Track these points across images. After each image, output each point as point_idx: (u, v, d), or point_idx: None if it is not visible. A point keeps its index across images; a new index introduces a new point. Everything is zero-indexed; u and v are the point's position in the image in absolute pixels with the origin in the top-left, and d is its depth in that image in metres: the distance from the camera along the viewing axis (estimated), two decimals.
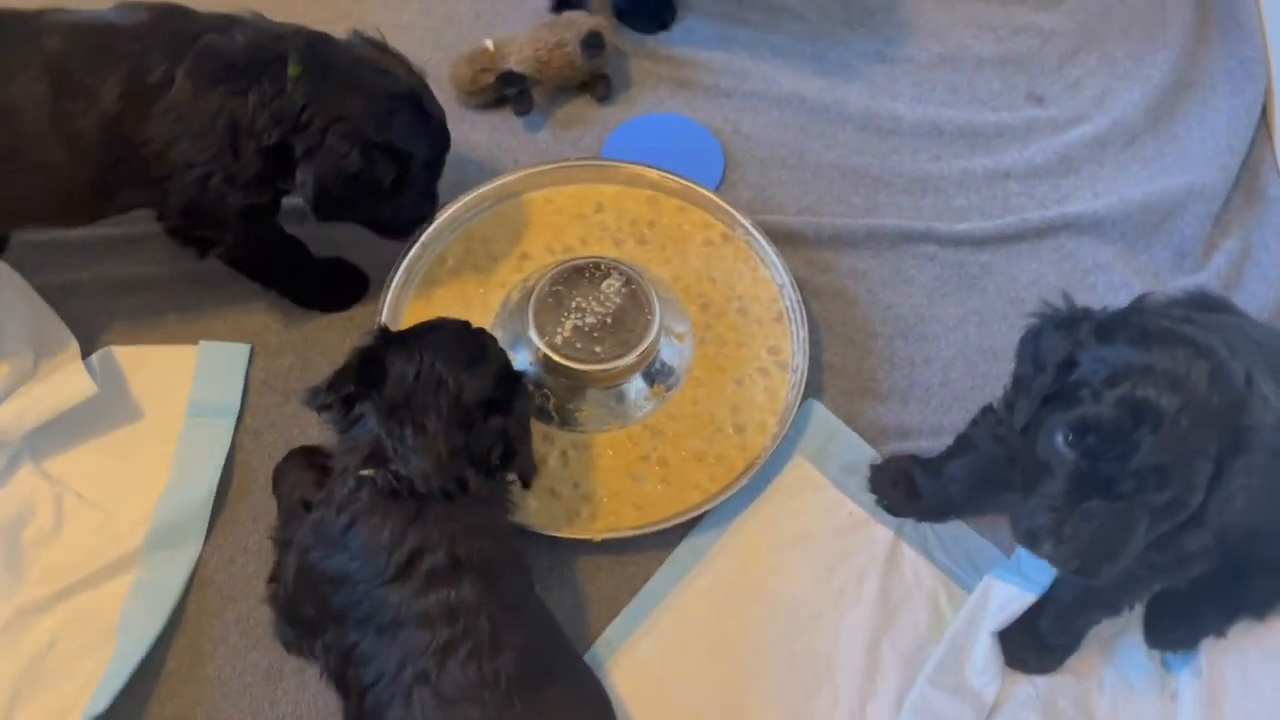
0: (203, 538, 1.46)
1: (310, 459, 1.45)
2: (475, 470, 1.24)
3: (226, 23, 1.42)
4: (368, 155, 1.40)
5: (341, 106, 1.39)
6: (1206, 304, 1.31)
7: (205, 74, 1.36)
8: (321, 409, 1.29)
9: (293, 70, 1.38)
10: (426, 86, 1.51)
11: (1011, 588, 1.40)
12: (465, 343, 1.33)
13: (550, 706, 1.18)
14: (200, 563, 1.45)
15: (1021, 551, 1.44)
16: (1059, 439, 1.05)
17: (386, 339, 1.33)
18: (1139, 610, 1.46)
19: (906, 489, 1.51)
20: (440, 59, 1.91)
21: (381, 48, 1.50)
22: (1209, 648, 1.44)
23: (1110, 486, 1.02)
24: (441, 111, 1.52)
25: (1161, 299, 1.21)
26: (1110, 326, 1.07)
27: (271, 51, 1.39)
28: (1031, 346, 1.15)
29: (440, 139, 1.52)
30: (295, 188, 1.43)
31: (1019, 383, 1.16)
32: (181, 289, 1.66)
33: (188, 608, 1.43)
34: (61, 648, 1.36)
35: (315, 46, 1.42)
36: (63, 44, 1.36)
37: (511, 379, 1.34)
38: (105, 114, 1.36)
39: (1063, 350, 1.08)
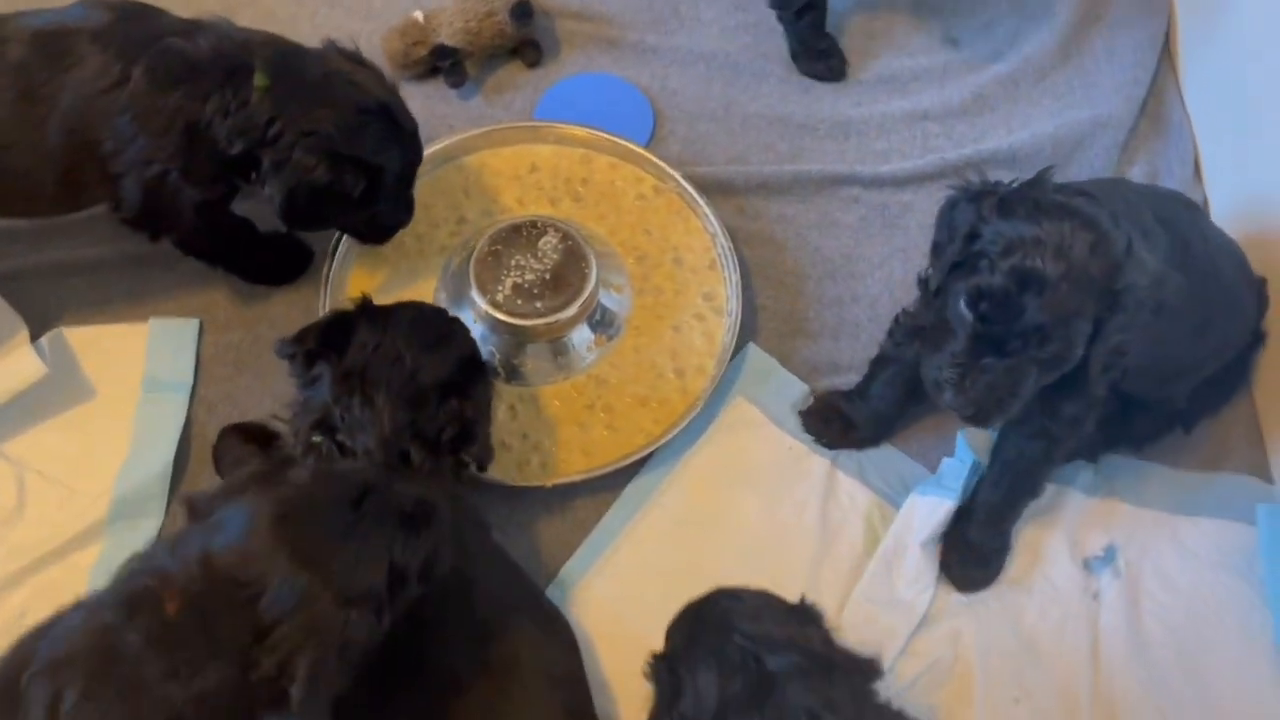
0: (164, 508, 1.50)
1: (245, 432, 1.50)
2: (419, 446, 1.27)
3: (192, 27, 1.43)
4: (336, 168, 1.42)
5: (310, 120, 1.40)
6: None
7: (164, 73, 1.38)
8: (285, 356, 1.33)
9: (259, 81, 1.39)
10: (398, 97, 1.52)
11: (932, 499, 1.50)
12: (431, 325, 1.37)
13: (517, 638, 1.24)
14: (162, 532, 1.50)
15: (942, 466, 1.55)
16: (960, 303, 1.18)
17: (362, 308, 1.36)
18: (1057, 516, 1.56)
19: (840, 423, 1.60)
20: (371, 30, 1.94)
21: (355, 59, 1.51)
22: (1125, 548, 1.54)
23: (1002, 344, 1.17)
24: (413, 123, 1.53)
25: None
26: (1011, 201, 1.19)
27: (236, 59, 1.40)
28: (947, 217, 1.28)
29: (411, 150, 1.54)
30: (254, 187, 1.46)
31: (935, 249, 1.29)
32: (128, 270, 1.69)
33: None
34: (31, 619, 1.38)
35: (284, 58, 1.42)
36: (25, 52, 1.38)
37: (474, 366, 1.38)
38: (65, 117, 1.39)
39: (969, 222, 1.21)
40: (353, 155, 1.43)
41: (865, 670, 1.14)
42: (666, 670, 1.16)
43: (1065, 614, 1.51)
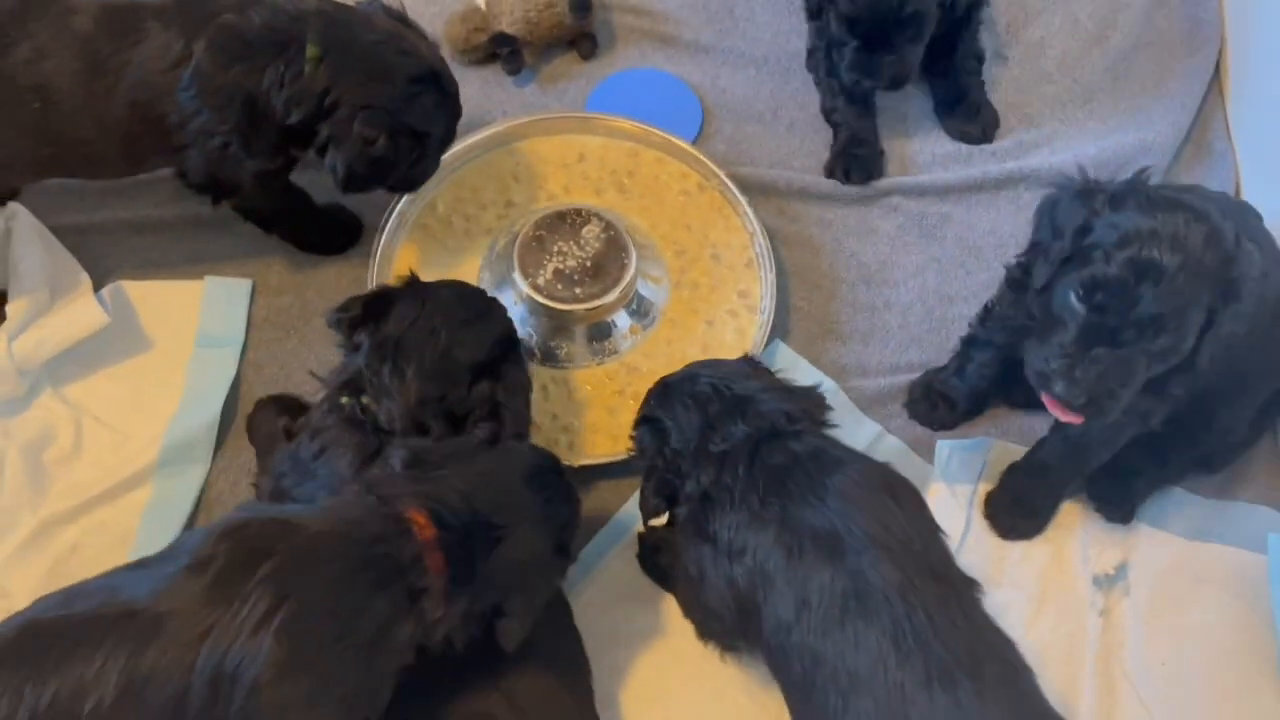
0: (210, 456, 1.58)
1: (282, 405, 1.56)
2: (440, 422, 1.31)
3: (245, 2, 1.48)
4: (394, 140, 1.48)
5: (367, 93, 1.45)
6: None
7: (223, 51, 1.44)
8: (332, 324, 1.39)
9: (311, 52, 1.44)
10: (443, 60, 1.57)
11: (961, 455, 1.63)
12: (469, 304, 1.41)
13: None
14: (208, 484, 1.57)
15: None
16: (1071, 295, 1.20)
17: (408, 284, 1.42)
18: (1075, 529, 1.59)
19: (945, 405, 1.66)
20: (434, 13, 2.00)
21: (401, 19, 1.56)
22: (1138, 568, 1.57)
23: (1115, 335, 1.19)
24: (456, 85, 1.58)
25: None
26: (1121, 196, 1.22)
27: (288, 32, 1.45)
28: (1049, 215, 1.31)
29: (454, 114, 1.60)
30: (312, 159, 1.52)
31: (1036, 247, 1.32)
32: (187, 231, 1.77)
33: (197, 524, 1.55)
34: (83, 553, 1.49)
35: (335, 27, 1.47)
36: (91, 25, 1.45)
37: (510, 346, 1.42)
38: (130, 90, 1.45)
39: (1079, 217, 1.23)
40: (408, 126, 1.49)
41: (813, 395, 1.31)
42: (648, 428, 1.31)
43: (1074, 628, 1.53)
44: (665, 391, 1.32)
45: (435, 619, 1.11)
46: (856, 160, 1.85)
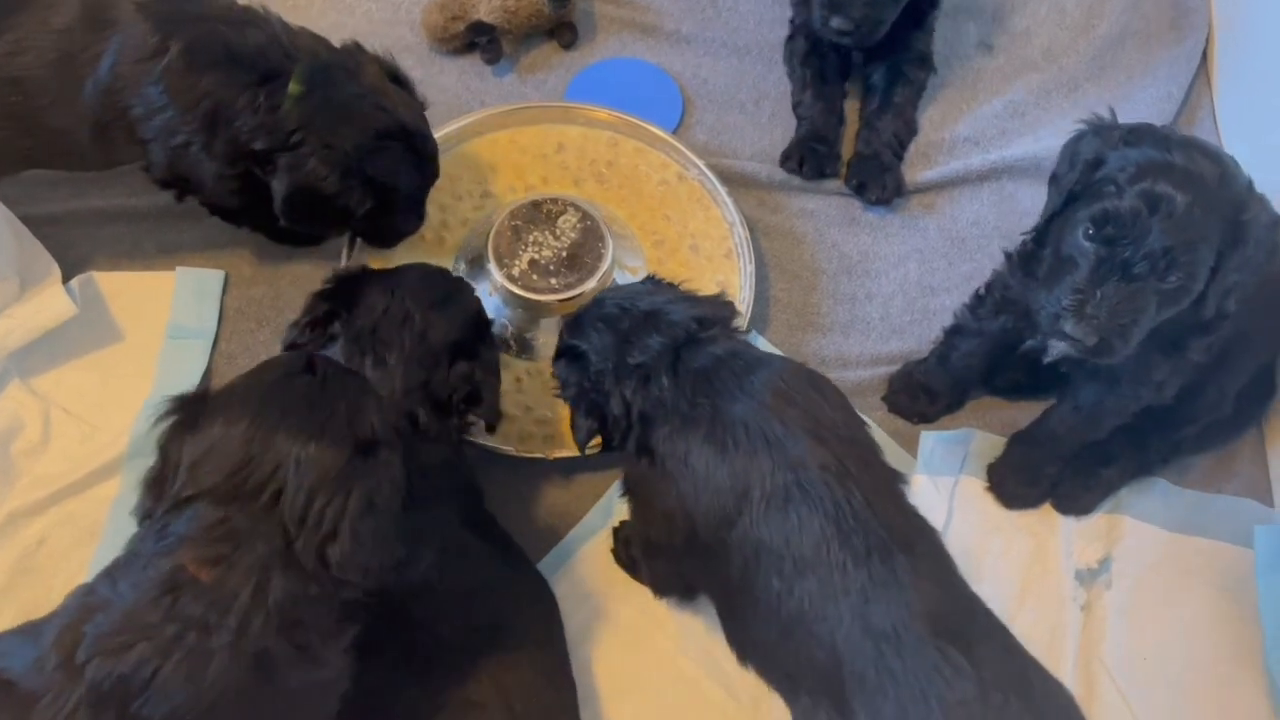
0: None
1: None
2: (427, 408, 1.30)
3: (244, 16, 1.47)
4: (345, 183, 1.46)
5: (332, 135, 1.44)
6: None
7: (202, 55, 1.42)
8: (287, 345, 1.35)
9: (293, 89, 1.43)
10: (423, 120, 1.55)
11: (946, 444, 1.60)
12: (437, 285, 1.39)
13: (500, 603, 1.28)
14: None
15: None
16: (1080, 234, 1.20)
17: (367, 271, 1.40)
18: (1058, 523, 1.58)
19: (926, 397, 1.64)
20: (412, 3, 1.98)
21: (393, 74, 1.55)
22: (1122, 561, 1.55)
23: (1126, 269, 1.17)
24: (434, 146, 1.57)
25: None
26: (1139, 133, 1.22)
27: (277, 62, 1.44)
28: (1072, 149, 1.30)
29: (427, 173, 1.58)
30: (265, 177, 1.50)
31: (1054, 180, 1.30)
32: (160, 221, 1.74)
33: None
34: (50, 545, 1.47)
35: (321, 71, 1.45)
36: (72, 17, 1.44)
37: (481, 325, 1.41)
38: (100, 80, 1.44)
39: (1093, 150, 1.23)
40: (364, 175, 1.47)
41: (721, 300, 1.33)
42: (564, 361, 1.32)
43: (1055, 622, 1.52)
44: (576, 321, 1.32)
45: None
46: (813, 155, 1.83)
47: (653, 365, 1.22)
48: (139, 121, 1.47)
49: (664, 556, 1.33)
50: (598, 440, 1.33)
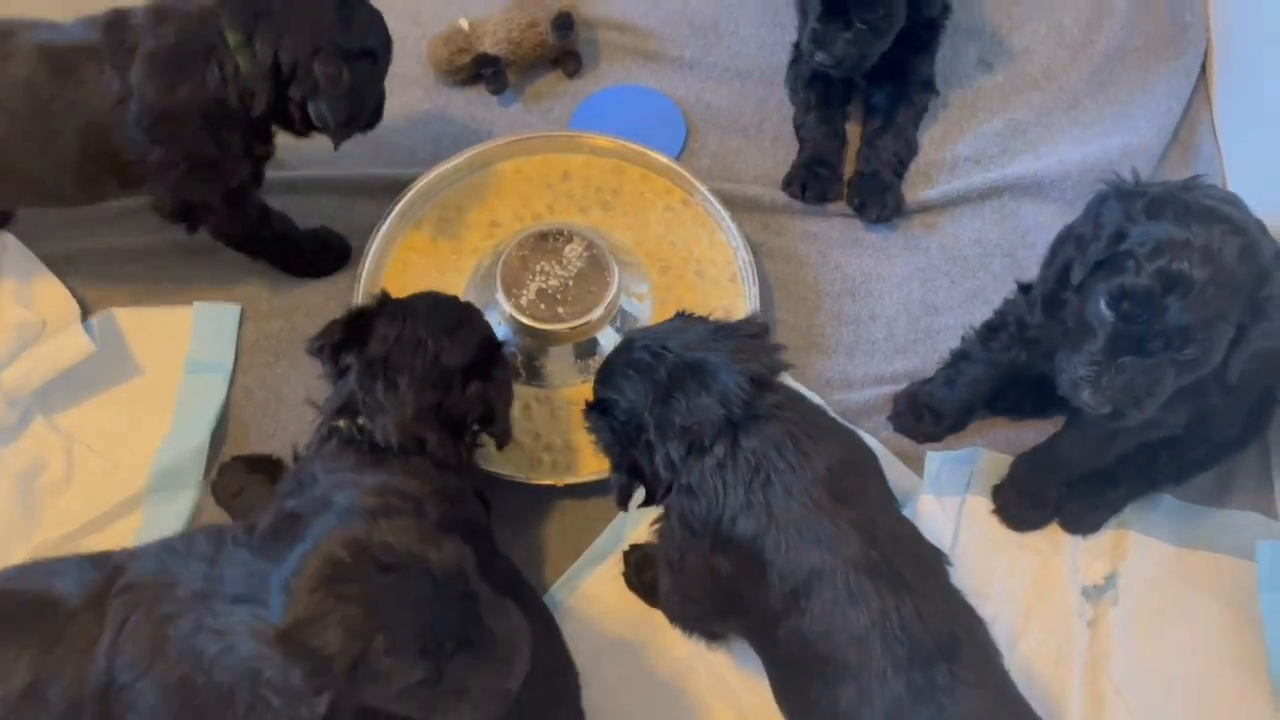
0: (200, 481, 1.59)
1: (250, 463, 1.57)
2: (436, 432, 1.33)
3: (155, 19, 1.47)
4: (352, 65, 1.49)
5: (307, 37, 1.46)
6: None
7: (163, 78, 1.44)
8: (313, 353, 1.40)
9: (234, 40, 1.44)
10: None
11: (950, 466, 1.62)
12: (447, 311, 1.43)
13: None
14: (199, 508, 1.59)
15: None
16: (1101, 303, 1.20)
17: (381, 302, 1.43)
18: (1064, 539, 1.60)
19: (931, 417, 1.66)
20: (419, 35, 2.02)
21: None
22: (1127, 577, 1.56)
23: (1142, 344, 1.18)
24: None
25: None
26: (1161, 203, 1.20)
27: (205, 32, 1.45)
28: (1094, 211, 1.29)
29: (381, 17, 1.60)
30: (269, 149, 1.55)
31: (1080, 240, 1.30)
32: (176, 258, 1.79)
33: None
34: None
35: (242, 2, 1.45)
36: (32, 68, 1.46)
37: (492, 348, 1.44)
38: (79, 134, 1.47)
39: (1117, 221, 1.23)
40: (357, 48, 1.50)
41: (755, 329, 1.29)
42: (595, 411, 1.29)
43: (1062, 640, 1.53)
44: (606, 370, 1.29)
45: None
46: (815, 178, 1.85)
47: (707, 436, 1.19)
48: (135, 165, 1.50)
49: (701, 618, 1.34)
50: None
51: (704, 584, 1.26)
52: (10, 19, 1.53)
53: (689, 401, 1.19)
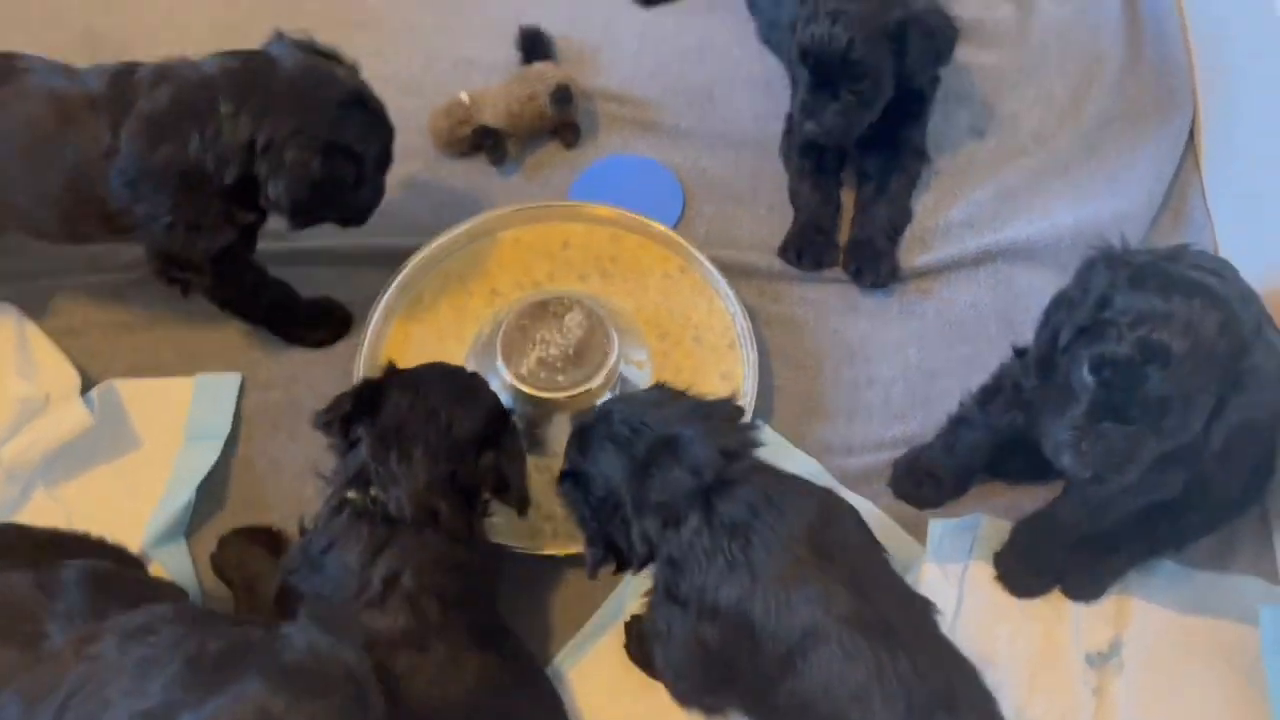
0: (183, 539, 1.61)
1: (251, 535, 1.58)
2: (449, 503, 1.34)
3: (158, 78, 1.50)
4: (329, 159, 1.49)
5: (292, 122, 1.47)
6: None
7: (145, 137, 1.47)
8: (321, 427, 1.41)
9: (224, 109, 1.46)
10: (363, 82, 1.58)
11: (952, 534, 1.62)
12: (457, 381, 1.45)
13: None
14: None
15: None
16: (1084, 369, 1.22)
17: (390, 373, 1.44)
18: (1067, 607, 1.59)
19: (931, 483, 1.67)
20: (420, 106, 2.05)
21: (311, 49, 1.57)
22: (1131, 644, 1.55)
23: (1122, 412, 1.20)
24: (381, 104, 1.60)
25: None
26: (1145, 272, 1.22)
27: (199, 96, 1.47)
28: (1084, 276, 1.31)
29: (388, 131, 1.61)
30: (257, 217, 1.55)
31: (1070, 304, 1.32)
32: (178, 329, 1.80)
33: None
34: None
35: (244, 76, 1.48)
36: (38, 109, 1.51)
37: (503, 417, 1.45)
38: (67, 176, 1.51)
39: (1101, 288, 1.25)
40: (341, 145, 1.50)
41: (731, 411, 1.31)
42: (570, 482, 1.30)
43: (1067, 709, 1.52)
44: (582, 438, 1.30)
45: None
46: (811, 246, 1.88)
47: (681, 507, 1.21)
48: (120, 214, 1.53)
49: (696, 691, 1.34)
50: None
51: (693, 655, 1.26)
52: (31, 56, 1.59)
53: (663, 476, 1.22)
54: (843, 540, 1.22)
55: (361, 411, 1.38)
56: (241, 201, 1.52)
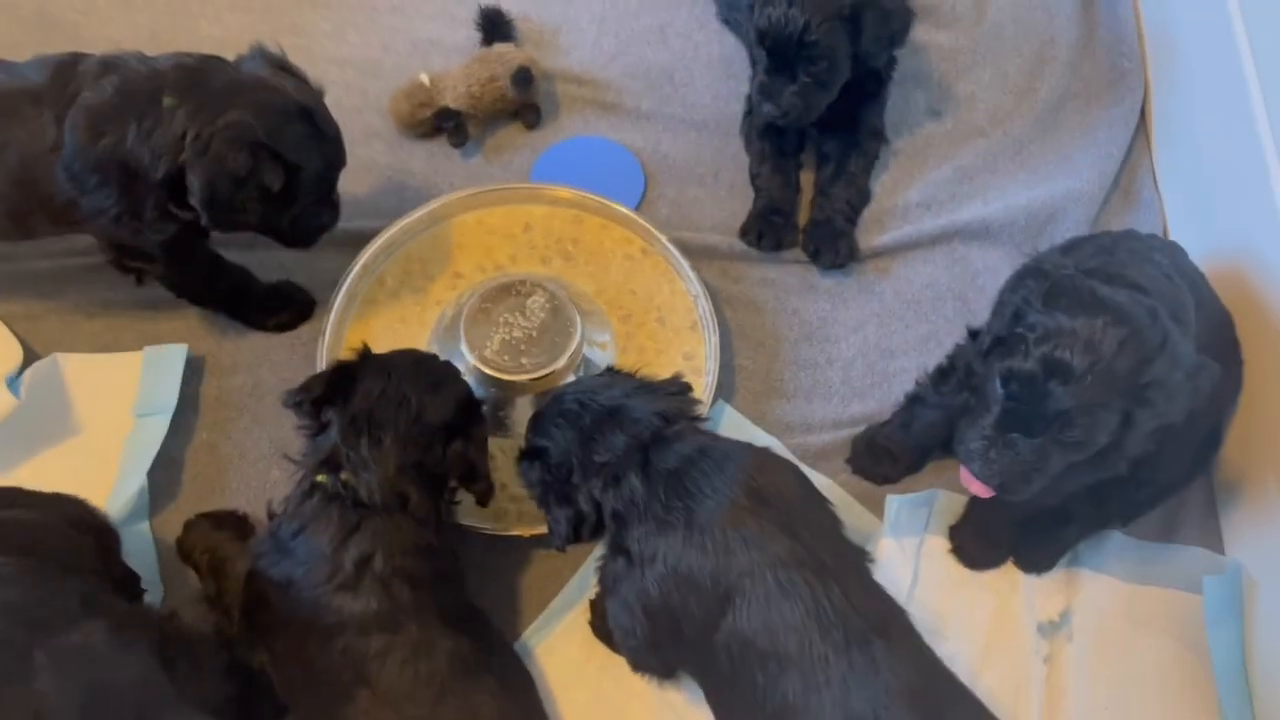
0: (145, 518, 1.61)
1: (215, 521, 1.58)
2: (418, 488, 1.35)
3: (104, 69, 1.47)
4: (255, 157, 1.45)
5: (227, 117, 1.43)
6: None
7: (87, 129, 1.45)
8: (291, 406, 1.41)
9: (168, 103, 1.43)
10: (321, 102, 1.56)
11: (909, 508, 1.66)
12: (429, 369, 1.45)
13: (479, 700, 1.31)
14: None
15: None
16: (996, 380, 1.27)
17: (363, 357, 1.45)
18: (1019, 577, 1.64)
19: (888, 460, 1.71)
20: (380, 89, 2.04)
21: (280, 65, 1.55)
22: (1081, 613, 1.60)
23: (1029, 424, 1.25)
24: (335, 127, 1.57)
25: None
26: (1058, 289, 1.27)
27: (144, 91, 1.45)
28: (1014, 282, 1.39)
29: (333, 153, 1.57)
30: (194, 215, 1.50)
31: (999, 308, 1.37)
32: (139, 314, 1.79)
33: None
34: None
35: (192, 74, 1.46)
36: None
37: (472, 406, 1.46)
38: (13, 171, 1.48)
39: (1017, 302, 1.30)
40: (272, 148, 1.45)
41: (676, 386, 1.39)
42: (527, 460, 1.38)
43: (1020, 677, 1.56)
44: (538, 419, 1.38)
45: None
46: (771, 228, 1.90)
47: (621, 464, 1.28)
48: (67, 208, 1.51)
49: (642, 646, 1.37)
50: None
51: (638, 607, 1.30)
52: None
53: (606, 440, 1.29)
54: (779, 488, 1.27)
55: (333, 394, 1.39)
56: (175, 197, 1.49)
